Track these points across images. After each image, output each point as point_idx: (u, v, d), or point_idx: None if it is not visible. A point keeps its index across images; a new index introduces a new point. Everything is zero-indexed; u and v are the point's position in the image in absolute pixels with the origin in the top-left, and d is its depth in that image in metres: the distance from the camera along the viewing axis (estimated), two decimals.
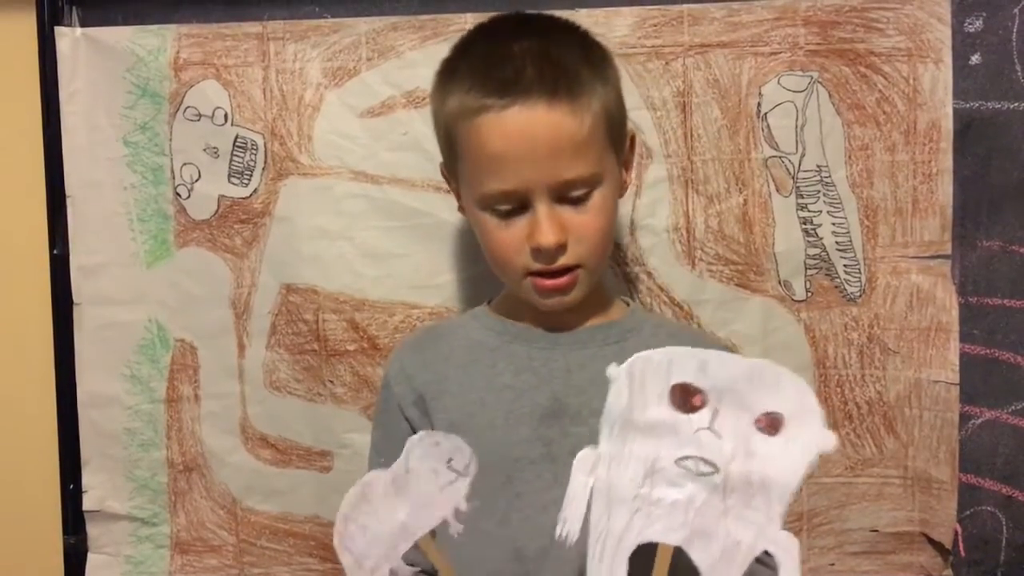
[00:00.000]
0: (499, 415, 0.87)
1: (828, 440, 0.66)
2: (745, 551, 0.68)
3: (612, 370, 0.69)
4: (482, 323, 0.94)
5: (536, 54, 0.83)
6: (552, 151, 0.81)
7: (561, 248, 0.83)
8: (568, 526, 0.69)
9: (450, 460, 0.73)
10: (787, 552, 0.67)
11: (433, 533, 0.73)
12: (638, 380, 0.69)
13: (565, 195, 0.83)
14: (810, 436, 0.67)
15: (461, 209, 0.94)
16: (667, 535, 0.69)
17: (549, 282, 0.85)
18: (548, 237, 0.82)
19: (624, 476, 0.69)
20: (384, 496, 0.73)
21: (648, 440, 0.69)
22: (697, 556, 0.69)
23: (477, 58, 0.86)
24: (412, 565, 0.74)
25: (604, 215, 0.85)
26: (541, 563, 0.84)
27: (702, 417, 0.69)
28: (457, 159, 0.88)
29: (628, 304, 0.97)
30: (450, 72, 0.88)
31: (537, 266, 0.84)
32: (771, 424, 0.67)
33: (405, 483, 0.73)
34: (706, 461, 0.68)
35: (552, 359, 0.89)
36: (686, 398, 0.69)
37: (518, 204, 0.84)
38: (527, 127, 0.81)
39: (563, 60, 0.84)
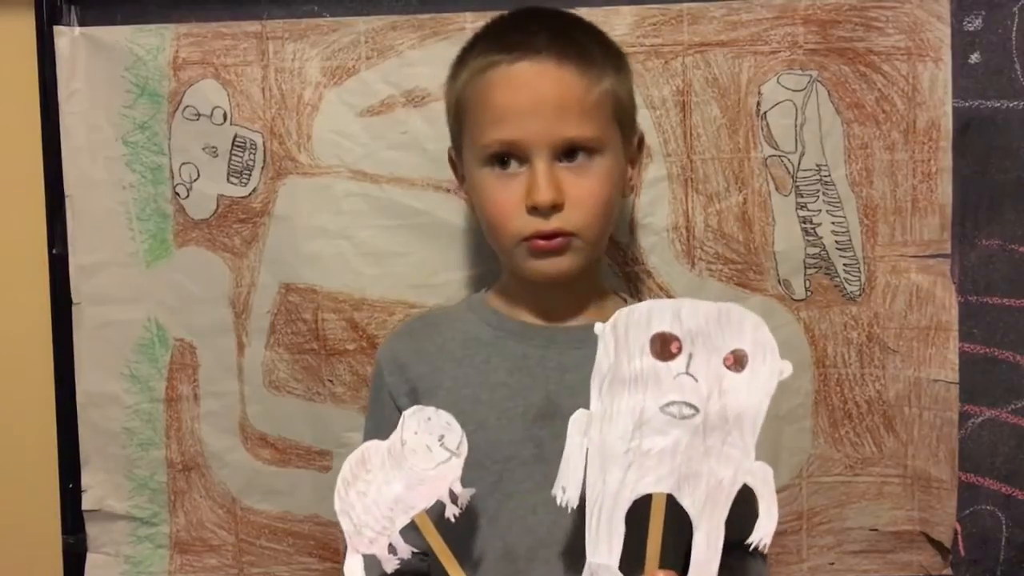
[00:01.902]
0: (492, 414, 0.87)
1: (785, 368, 0.73)
2: (727, 488, 0.73)
3: (598, 327, 0.74)
4: (478, 315, 0.94)
5: (553, 27, 0.87)
6: (557, 107, 0.83)
7: (556, 208, 0.83)
8: (568, 492, 0.73)
9: (442, 437, 0.74)
10: (764, 481, 0.72)
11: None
12: (622, 334, 0.74)
13: (565, 156, 0.84)
14: (769, 367, 0.73)
15: (463, 187, 0.94)
16: (658, 484, 0.73)
17: (543, 241, 0.85)
18: (544, 194, 0.82)
19: (615, 433, 0.73)
20: (381, 466, 0.74)
21: (634, 392, 0.74)
22: (687, 502, 0.73)
23: (491, 33, 0.90)
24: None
25: (603, 186, 0.85)
26: (530, 562, 0.84)
27: (679, 363, 0.73)
28: (463, 127, 0.90)
29: (626, 301, 0.97)
30: (464, 52, 0.91)
31: (532, 227, 0.84)
32: (737, 361, 0.73)
33: (400, 456, 0.74)
34: (688, 404, 0.73)
35: (547, 358, 0.89)
36: (665, 346, 0.73)
37: (518, 157, 0.84)
38: (534, 80, 0.84)
39: (577, 37, 0.87)
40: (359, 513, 0.74)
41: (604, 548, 0.72)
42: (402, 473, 0.74)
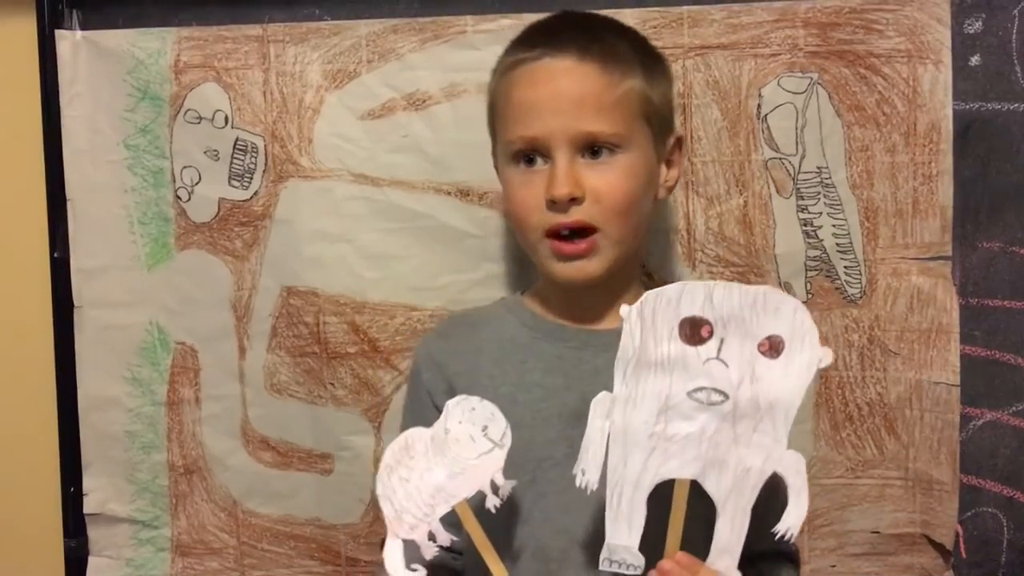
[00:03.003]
0: (527, 414, 0.87)
1: (825, 356, 0.69)
2: (755, 476, 0.70)
3: (624, 309, 0.71)
4: (515, 316, 0.94)
5: (579, 25, 0.89)
6: (575, 102, 0.84)
7: (575, 201, 0.84)
8: (588, 475, 0.71)
9: (486, 428, 0.74)
10: (795, 471, 0.70)
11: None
12: (648, 317, 0.71)
13: (587, 151, 0.84)
14: (809, 354, 0.69)
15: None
16: (682, 470, 0.71)
17: (567, 245, 0.85)
18: (561, 187, 0.83)
19: (638, 417, 0.71)
20: (424, 453, 0.74)
21: (660, 377, 0.71)
22: (711, 487, 0.71)
23: (523, 35, 0.92)
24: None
25: (626, 181, 0.85)
26: (563, 562, 0.85)
27: (709, 348, 0.70)
28: (495, 127, 0.91)
29: None
30: (501, 55, 0.92)
31: (552, 221, 0.85)
32: (773, 347, 0.70)
33: (444, 444, 0.74)
34: (717, 391, 0.70)
35: (583, 360, 0.89)
36: (695, 330, 0.70)
37: (541, 153, 0.85)
38: (555, 76, 0.85)
39: (605, 36, 0.88)
40: (400, 499, 0.73)
41: (623, 529, 0.71)
42: (445, 461, 0.74)
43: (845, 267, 1.09)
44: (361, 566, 1.15)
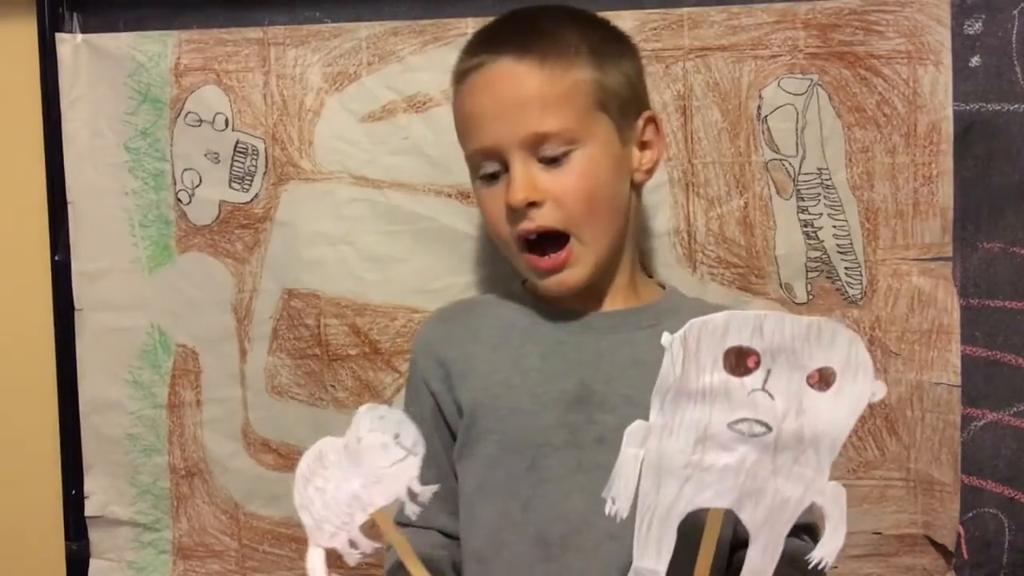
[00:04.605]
0: (525, 398, 0.86)
1: (879, 389, 0.66)
2: (793, 507, 0.68)
3: (666, 338, 0.68)
4: (515, 301, 0.93)
5: (522, 19, 0.86)
6: (517, 103, 0.81)
7: (534, 206, 0.82)
8: (619, 504, 0.68)
9: (397, 435, 0.74)
10: (835, 502, 0.68)
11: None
12: (692, 347, 0.68)
13: (541, 153, 0.82)
14: (861, 387, 0.67)
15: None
16: (717, 500, 0.69)
17: (542, 260, 0.85)
18: (516, 193, 0.82)
19: (675, 446, 0.68)
20: (338, 463, 0.74)
21: (701, 406, 0.68)
22: (747, 517, 0.69)
23: (467, 43, 0.90)
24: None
25: (586, 178, 0.83)
26: (564, 548, 0.83)
27: (755, 379, 0.68)
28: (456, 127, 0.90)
29: (663, 287, 0.96)
30: (453, 68, 0.90)
31: (518, 229, 0.84)
32: (823, 379, 0.67)
33: (357, 453, 0.74)
34: (760, 422, 0.68)
35: (582, 344, 0.88)
36: (740, 360, 0.68)
37: (498, 164, 0.84)
38: (492, 82, 0.83)
39: (547, 27, 0.84)
40: (319, 508, 0.74)
41: (652, 554, 0.69)
42: (360, 470, 0.74)
43: (846, 268, 1.09)
44: (363, 568, 1.15)
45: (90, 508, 1.16)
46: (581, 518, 0.83)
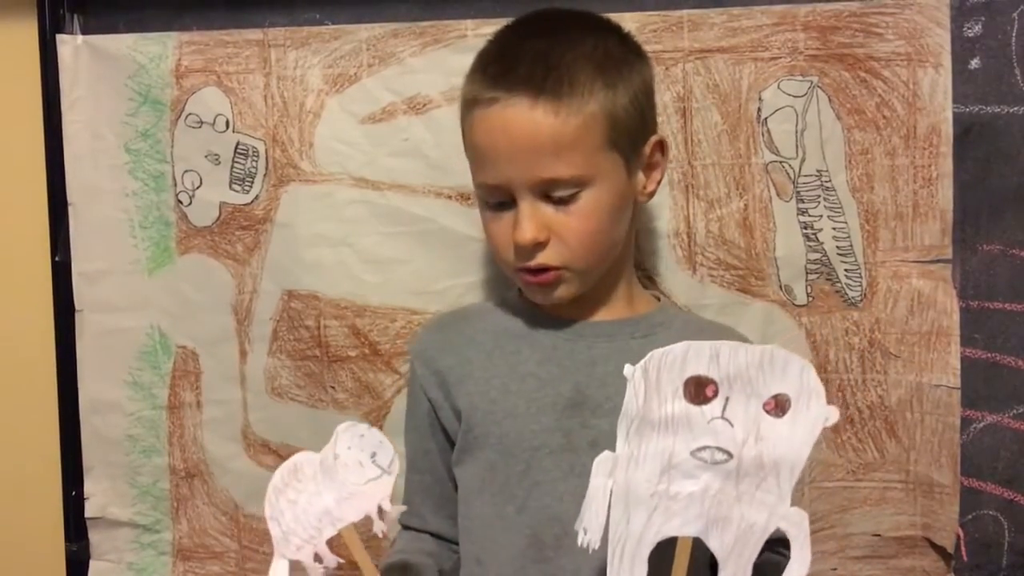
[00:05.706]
0: (521, 403, 0.88)
1: (831, 414, 0.69)
2: (759, 532, 0.70)
3: (628, 370, 0.70)
4: (511, 308, 0.95)
5: (536, 53, 0.84)
6: (531, 149, 0.82)
7: (540, 246, 0.84)
8: (590, 534, 0.71)
9: (374, 455, 0.75)
10: (798, 526, 0.70)
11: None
12: (653, 377, 0.70)
13: (549, 194, 0.83)
14: (814, 413, 0.69)
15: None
16: (685, 528, 0.70)
17: (531, 278, 0.86)
18: (524, 234, 0.83)
19: (641, 476, 0.70)
20: (312, 477, 0.75)
21: (664, 436, 0.70)
22: (715, 544, 0.70)
23: (490, 50, 0.89)
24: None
25: (592, 219, 0.84)
26: (557, 550, 0.85)
27: (714, 407, 0.70)
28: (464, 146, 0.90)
29: (659, 299, 0.98)
30: (474, 59, 0.89)
31: (519, 264, 0.86)
32: (779, 406, 0.70)
33: (333, 469, 0.75)
34: (721, 450, 0.70)
35: (577, 350, 0.89)
36: (699, 390, 0.70)
37: (506, 198, 0.85)
38: (507, 124, 0.82)
39: (562, 61, 0.83)
40: (288, 520, 0.75)
41: None
42: (333, 486, 0.75)
43: (845, 270, 1.09)
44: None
45: (90, 509, 1.16)
46: (575, 520, 0.83)
